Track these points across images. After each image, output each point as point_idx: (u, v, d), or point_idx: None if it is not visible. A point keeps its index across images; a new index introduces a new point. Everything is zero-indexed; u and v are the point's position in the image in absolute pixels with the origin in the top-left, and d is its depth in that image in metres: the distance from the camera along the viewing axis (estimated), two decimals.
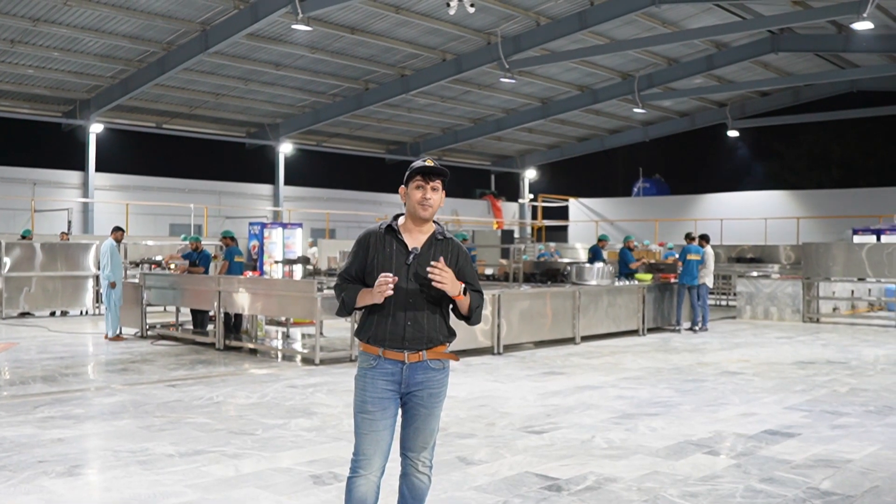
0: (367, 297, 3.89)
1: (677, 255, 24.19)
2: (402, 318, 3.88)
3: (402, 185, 3.99)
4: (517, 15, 21.97)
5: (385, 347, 3.91)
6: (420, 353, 3.92)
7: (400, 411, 4.03)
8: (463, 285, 3.92)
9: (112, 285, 13.84)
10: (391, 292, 3.80)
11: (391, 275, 3.79)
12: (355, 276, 4.01)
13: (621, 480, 5.84)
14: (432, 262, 3.81)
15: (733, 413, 8.29)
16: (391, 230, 3.99)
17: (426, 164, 3.94)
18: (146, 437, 6.97)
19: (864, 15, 17.36)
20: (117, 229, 14.50)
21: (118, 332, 14.15)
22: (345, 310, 4.03)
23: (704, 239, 17.13)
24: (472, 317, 4.03)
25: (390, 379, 3.92)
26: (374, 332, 3.92)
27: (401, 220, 4.04)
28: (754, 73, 28.74)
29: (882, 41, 22.99)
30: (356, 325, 4.14)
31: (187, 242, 15.48)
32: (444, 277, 3.79)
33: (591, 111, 32.78)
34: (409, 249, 3.92)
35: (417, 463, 4.02)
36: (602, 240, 17.89)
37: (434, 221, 4.04)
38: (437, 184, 3.94)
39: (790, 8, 20.90)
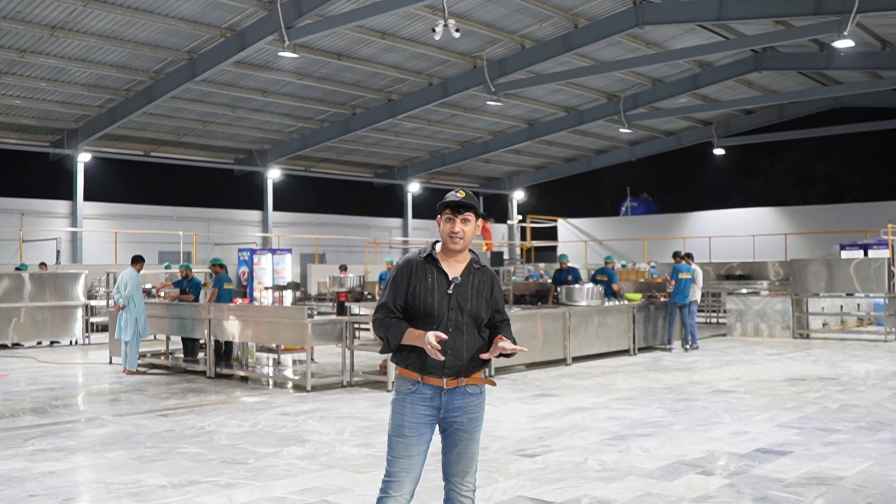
0: (413, 340, 3.90)
1: (658, 274, 24.35)
2: (444, 346, 3.85)
3: (438, 215, 4.07)
4: (502, 38, 22.13)
5: (425, 374, 3.95)
6: (459, 379, 3.97)
7: (439, 437, 4.07)
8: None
9: (118, 307, 13.47)
10: (441, 357, 3.82)
11: (444, 336, 3.81)
12: (399, 307, 4.01)
13: (615, 503, 5.84)
14: (500, 345, 3.91)
15: (725, 432, 8.31)
16: (431, 258, 4.04)
17: (456, 196, 4.01)
18: (138, 469, 6.93)
19: (845, 33, 17.54)
20: (140, 259, 14.02)
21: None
22: (389, 348, 4.04)
23: (690, 257, 17.24)
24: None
25: (429, 404, 3.97)
26: (416, 360, 3.95)
27: (438, 246, 4.09)
28: (738, 91, 28.96)
29: (863, 58, 23.25)
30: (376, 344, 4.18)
31: (178, 270, 15.33)
32: (515, 351, 3.92)
33: (578, 132, 32.97)
34: (450, 279, 3.98)
35: (461, 487, 4.03)
36: (610, 261, 17.57)
37: (470, 250, 4.11)
38: (469, 216, 4.00)
39: (772, 27, 21.14)
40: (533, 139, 31.90)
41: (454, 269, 4.02)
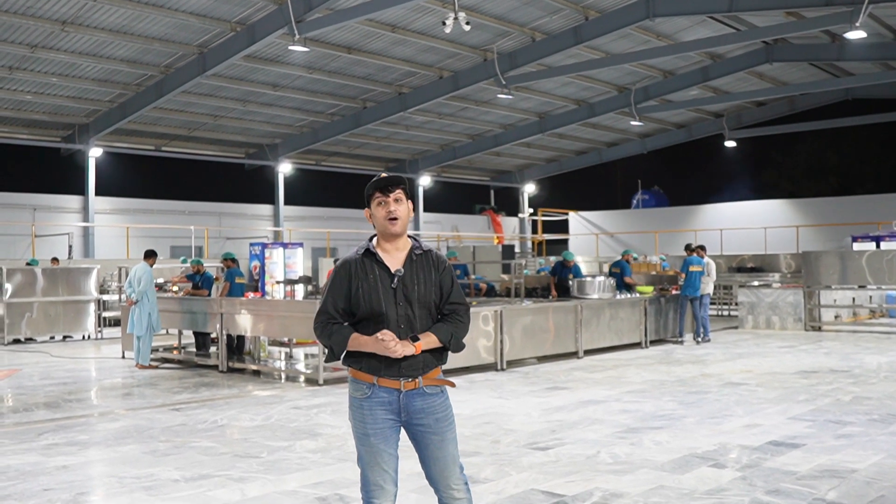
0: (362, 346, 3.71)
1: (669, 267, 24.31)
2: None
3: (366, 208, 3.83)
4: (513, 31, 22.09)
5: (380, 376, 3.73)
6: (416, 380, 3.74)
7: (411, 443, 3.87)
8: (412, 342, 3.68)
9: (131, 302, 13.46)
10: (400, 351, 3.64)
11: (391, 334, 3.64)
12: (341, 311, 3.79)
13: (627, 496, 5.84)
14: (379, 336, 3.63)
15: (737, 425, 8.29)
16: (369, 254, 3.79)
17: (381, 177, 3.80)
18: (151, 463, 6.97)
19: (857, 24, 17.45)
20: (152, 254, 13.97)
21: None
22: (335, 357, 3.82)
23: (703, 249, 17.19)
24: (449, 348, 3.81)
25: (388, 408, 3.75)
26: (368, 361, 3.74)
27: (374, 241, 3.85)
28: (749, 83, 28.85)
29: (875, 49, 23.11)
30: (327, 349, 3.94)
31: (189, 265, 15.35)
32: (395, 349, 3.63)
33: (589, 125, 32.88)
34: (393, 272, 3.73)
35: (451, 491, 3.83)
36: (626, 254, 18.09)
37: (409, 236, 3.88)
38: (399, 194, 3.77)
39: (783, 18, 21.03)
40: (544, 132, 31.83)
41: (396, 260, 3.77)
